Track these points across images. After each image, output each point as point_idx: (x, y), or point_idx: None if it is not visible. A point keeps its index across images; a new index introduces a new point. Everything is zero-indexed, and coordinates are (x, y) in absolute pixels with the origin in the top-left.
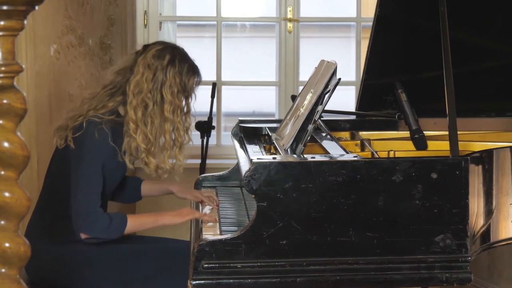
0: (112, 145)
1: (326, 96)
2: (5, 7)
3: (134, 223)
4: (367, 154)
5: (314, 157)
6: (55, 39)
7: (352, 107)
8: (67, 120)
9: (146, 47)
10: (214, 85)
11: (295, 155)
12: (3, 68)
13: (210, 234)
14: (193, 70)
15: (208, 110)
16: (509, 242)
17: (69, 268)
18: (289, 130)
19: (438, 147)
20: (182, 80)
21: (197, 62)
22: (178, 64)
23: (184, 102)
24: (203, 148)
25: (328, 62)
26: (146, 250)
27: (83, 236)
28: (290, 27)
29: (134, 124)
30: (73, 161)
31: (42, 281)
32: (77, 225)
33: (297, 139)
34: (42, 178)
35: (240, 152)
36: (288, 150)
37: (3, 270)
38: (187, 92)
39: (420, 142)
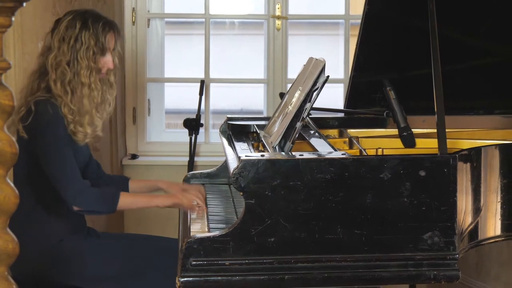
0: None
1: (315, 93)
2: None
3: (127, 199)
4: (355, 151)
5: (302, 155)
6: (43, 35)
7: (340, 105)
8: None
9: (57, 21)
10: (202, 82)
11: (283, 153)
12: None
13: (198, 231)
14: (109, 25)
15: (196, 107)
16: (497, 239)
17: (56, 264)
18: (278, 128)
19: (427, 144)
20: (100, 40)
21: (185, 60)
22: (92, 26)
23: (103, 62)
24: (191, 145)
25: (316, 59)
26: (135, 247)
27: (75, 208)
28: (278, 24)
29: (59, 98)
30: (39, 143)
31: (28, 278)
32: (67, 199)
33: (285, 137)
34: None
35: (228, 149)
36: (276, 147)
37: None
38: (106, 50)
39: (408, 139)
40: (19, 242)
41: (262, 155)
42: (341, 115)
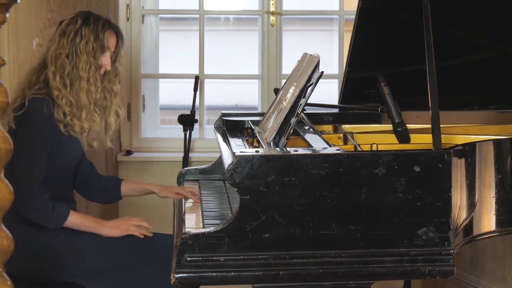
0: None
1: (309, 89)
2: None
3: (74, 221)
4: (349, 147)
5: (297, 150)
6: (37, 32)
7: (335, 100)
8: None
9: (62, 21)
10: (196, 78)
11: (278, 148)
12: None
13: (193, 227)
14: (109, 25)
15: (191, 103)
16: (492, 235)
17: (49, 259)
18: (272, 124)
19: (421, 140)
20: (99, 37)
21: (180, 56)
22: (93, 23)
23: (102, 61)
24: (186, 141)
25: (311, 55)
26: (130, 243)
27: (22, 212)
28: (272, 20)
29: (57, 90)
30: (20, 138)
31: (22, 273)
32: (18, 200)
33: (280, 132)
34: None
35: (223, 145)
36: (271, 143)
37: None
38: (105, 48)
39: (403, 135)
40: (15, 239)
41: (257, 151)
42: (336, 110)
